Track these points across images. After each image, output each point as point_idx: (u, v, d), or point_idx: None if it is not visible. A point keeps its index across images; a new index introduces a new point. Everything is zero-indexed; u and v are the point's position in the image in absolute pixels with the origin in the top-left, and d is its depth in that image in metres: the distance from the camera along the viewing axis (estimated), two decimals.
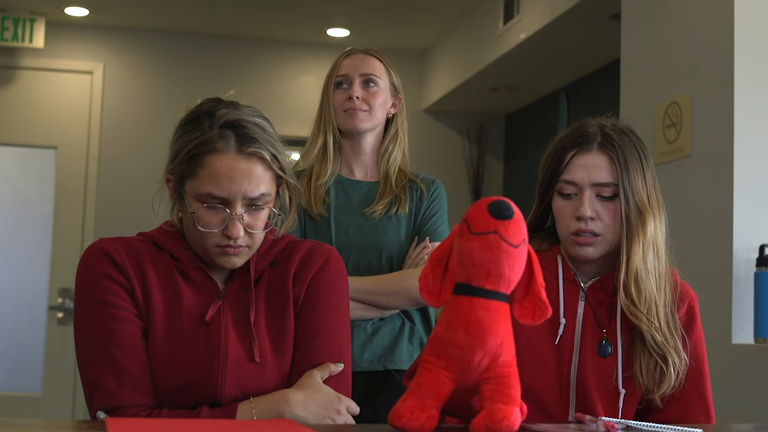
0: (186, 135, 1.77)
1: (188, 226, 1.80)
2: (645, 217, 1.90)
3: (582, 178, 1.91)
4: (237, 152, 1.73)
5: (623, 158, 1.90)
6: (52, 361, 6.14)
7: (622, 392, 1.89)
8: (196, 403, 1.75)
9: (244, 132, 1.75)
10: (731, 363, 3.07)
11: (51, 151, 6.34)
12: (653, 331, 1.88)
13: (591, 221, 1.90)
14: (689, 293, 1.99)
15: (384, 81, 2.63)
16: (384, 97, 2.62)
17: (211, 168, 1.72)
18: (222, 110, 1.78)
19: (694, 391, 1.94)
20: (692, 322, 1.97)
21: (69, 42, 6.34)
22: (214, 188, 1.72)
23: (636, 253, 1.89)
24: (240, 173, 1.73)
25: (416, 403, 1.41)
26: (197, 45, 6.49)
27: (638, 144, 1.95)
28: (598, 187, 1.91)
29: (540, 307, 1.48)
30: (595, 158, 1.92)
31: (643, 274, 1.89)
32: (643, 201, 1.91)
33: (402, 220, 2.58)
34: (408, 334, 2.57)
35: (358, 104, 2.58)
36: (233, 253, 1.77)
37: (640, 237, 1.89)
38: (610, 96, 4.40)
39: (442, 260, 1.48)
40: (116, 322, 1.75)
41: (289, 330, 1.83)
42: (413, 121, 6.55)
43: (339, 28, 6.25)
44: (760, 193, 3.22)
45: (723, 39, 3.29)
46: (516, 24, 5.19)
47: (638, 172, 1.91)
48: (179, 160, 1.76)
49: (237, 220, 1.74)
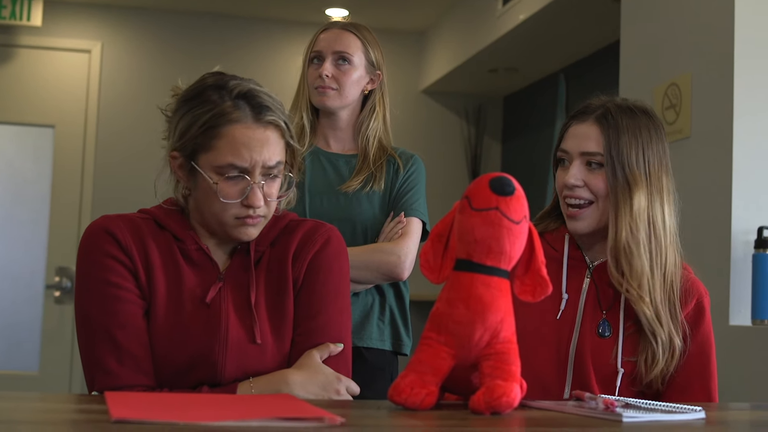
0: (196, 109, 1.76)
1: (202, 201, 1.79)
2: (632, 191, 1.90)
3: (572, 147, 1.96)
4: (254, 121, 1.74)
5: (615, 130, 1.92)
6: (49, 340, 6.14)
7: (621, 371, 1.89)
8: (197, 383, 1.75)
9: (257, 101, 1.76)
10: (729, 345, 3.07)
11: (48, 129, 6.32)
12: (643, 306, 1.88)
13: (577, 189, 1.93)
14: (699, 289, 1.98)
15: (358, 58, 2.60)
16: (357, 74, 2.60)
17: (229, 138, 1.72)
18: (232, 82, 1.77)
19: (699, 387, 1.93)
20: (700, 318, 1.96)
21: (67, 20, 6.31)
22: (234, 158, 1.72)
23: (623, 226, 1.89)
24: (258, 141, 1.73)
25: (416, 378, 1.42)
26: (195, 24, 6.47)
27: (647, 123, 1.96)
28: (587, 156, 1.93)
29: (540, 284, 1.48)
30: (586, 128, 1.95)
31: (633, 247, 1.89)
32: (635, 176, 1.91)
33: (377, 193, 2.56)
34: (378, 312, 2.56)
35: (327, 82, 2.57)
36: (251, 223, 1.78)
37: (626, 209, 1.90)
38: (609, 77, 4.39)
39: (442, 236, 1.48)
40: (119, 302, 1.75)
41: (288, 311, 1.82)
42: (411, 102, 6.64)
43: (337, 8, 6.22)
44: (759, 175, 3.21)
45: (723, 20, 3.28)
46: (515, 5, 5.18)
47: (633, 147, 1.92)
48: (191, 135, 1.75)
49: (258, 189, 1.75)
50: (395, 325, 2.59)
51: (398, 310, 2.60)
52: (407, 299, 2.63)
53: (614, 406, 1.47)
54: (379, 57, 2.65)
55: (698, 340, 1.94)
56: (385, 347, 2.56)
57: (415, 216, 2.55)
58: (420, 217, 2.56)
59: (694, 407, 1.54)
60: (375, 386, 2.27)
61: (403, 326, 2.60)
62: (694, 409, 1.53)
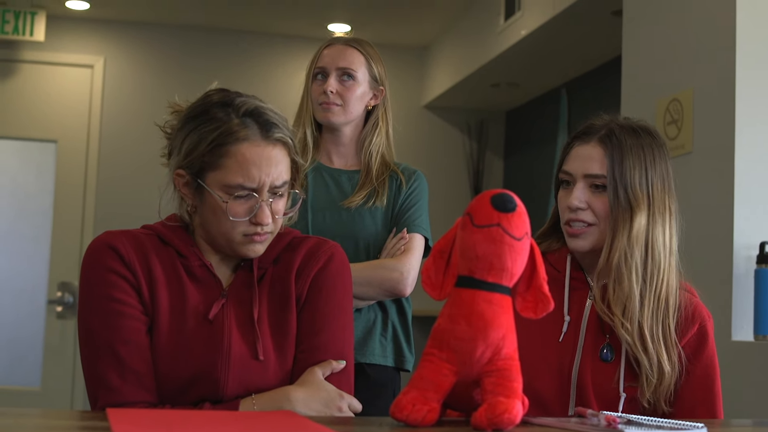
0: (202, 127, 1.75)
1: (209, 218, 1.79)
2: (633, 213, 1.89)
3: (575, 169, 1.94)
4: (262, 138, 1.74)
5: (618, 152, 1.91)
6: (51, 355, 6.14)
7: (623, 396, 1.88)
8: (199, 400, 1.75)
9: (265, 118, 1.76)
10: (731, 360, 3.06)
11: (51, 144, 6.33)
12: (621, 331, 1.86)
13: (581, 211, 1.91)
14: (702, 313, 1.95)
15: (362, 74, 2.61)
16: (361, 90, 2.61)
17: (238, 157, 1.72)
18: (238, 99, 1.77)
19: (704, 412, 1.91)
20: (704, 344, 1.93)
21: (69, 35, 6.33)
22: (244, 178, 1.73)
23: (617, 248, 1.88)
24: (267, 160, 1.74)
25: (418, 395, 1.41)
26: (197, 39, 6.48)
27: (651, 144, 1.94)
28: (591, 178, 1.92)
29: (542, 301, 1.48)
30: (590, 150, 1.93)
31: (623, 270, 1.87)
32: (637, 197, 1.89)
33: (379, 209, 2.56)
34: (381, 328, 2.56)
35: (332, 98, 2.58)
36: (259, 240, 1.78)
37: (624, 232, 1.88)
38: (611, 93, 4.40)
39: (444, 252, 1.48)
40: (122, 318, 1.74)
41: (291, 327, 1.82)
42: (413, 117, 6.64)
43: (340, 23, 6.24)
44: (760, 191, 3.21)
45: (724, 35, 3.28)
46: (517, 20, 5.19)
47: (637, 169, 1.90)
48: (198, 153, 1.75)
49: (266, 207, 1.75)
50: (398, 341, 2.58)
51: (401, 326, 2.59)
52: (410, 315, 2.62)
53: (616, 422, 1.47)
54: (382, 72, 2.66)
55: (702, 365, 1.92)
56: (387, 363, 2.56)
57: (418, 232, 2.55)
58: (423, 233, 2.56)
59: (696, 423, 1.54)
60: (378, 403, 2.27)
61: (406, 342, 2.60)
62: (697, 426, 1.53)
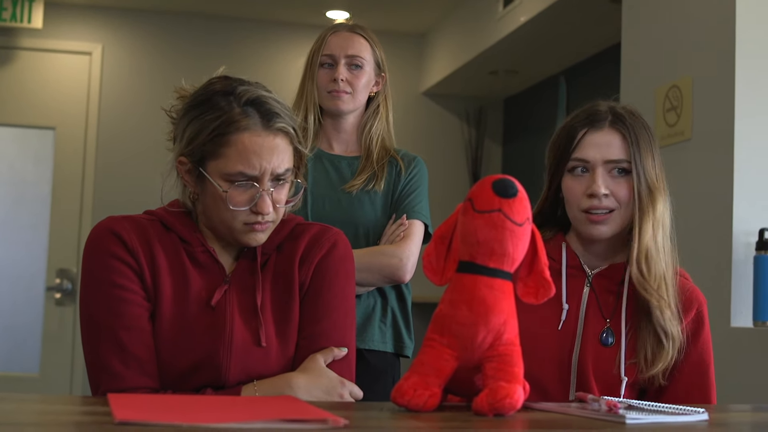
0: (204, 115, 1.75)
1: (210, 207, 1.78)
2: (655, 196, 1.91)
3: (594, 156, 1.92)
4: (264, 128, 1.73)
5: (635, 136, 1.92)
6: (49, 342, 6.14)
7: (624, 380, 1.89)
8: (201, 386, 1.75)
9: (266, 108, 1.75)
10: (730, 346, 3.07)
11: (49, 131, 6.32)
12: (663, 307, 1.88)
13: (605, 198, 1.91)
14: (698, 298, 1.98)
15: (369, 61, 2.62)
16: (368, 77, 2.62)
17: (239, 146, 1.72)
18: (240, 88, 1.76)
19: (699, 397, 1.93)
20: (700, 327, 1.96)
21: (67, 22, 6.31)
22: (244, 167, 1.72)
23: (647, 231, 1.90)
24: (268, 149, 1.73)
25: (419, 380, 1.42)
26: (196, 26, 6.47)
27: (646, 126, 1.97)
28: (611, 164, 1.92)
29: (543, 286, 1.48)
30: (606, 136, 1.93)
31: (653, 252, 1.89)
32: (653, 180, 1.92)
33: (378, 195, 2.56)
34: (380, 314, 2.56)
35: (342, 86, 2.58)
36: (260, 229, 1.78)
37: (650, 215, 1.90)
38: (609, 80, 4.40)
39: (445, 238, 1.48)
40: (124, 304, 1.74)
41: (294, 314, 1.82)
42: (412, 104, 6.64)
43: (338, 10, 6.23)
44: (760, 177, 3.21)
45: (724, 22, 3.28)
46: (516, 7, 5.18)
47: (648, 152, 1.93)
48: (199, 142, 1.74)
49: (267, 196, 1.75)
50: (397, 328, 2.59)
51: (400, 312, 2.59)
52: (409, 301, 2.62)
53: (617, 407, 1.47)
54: (384, 59, 2.67)
55: (698, 349, 1.95)
56: (386, 349, 2.56)
57: (418, 218, 2.55)
58: (422, 220, 2.56)
59: (697, 409, 1.54)
60: (376, 388, 2.27)
61: (405, 328, 2.60)
62: (697, 411, 1.53)
